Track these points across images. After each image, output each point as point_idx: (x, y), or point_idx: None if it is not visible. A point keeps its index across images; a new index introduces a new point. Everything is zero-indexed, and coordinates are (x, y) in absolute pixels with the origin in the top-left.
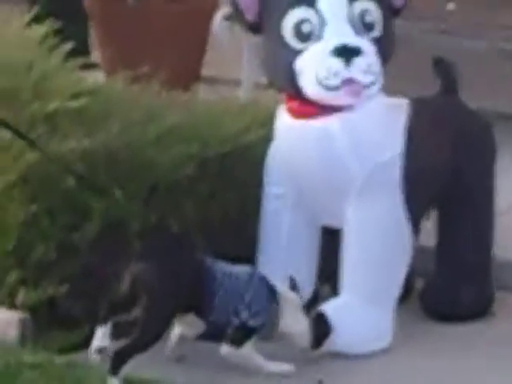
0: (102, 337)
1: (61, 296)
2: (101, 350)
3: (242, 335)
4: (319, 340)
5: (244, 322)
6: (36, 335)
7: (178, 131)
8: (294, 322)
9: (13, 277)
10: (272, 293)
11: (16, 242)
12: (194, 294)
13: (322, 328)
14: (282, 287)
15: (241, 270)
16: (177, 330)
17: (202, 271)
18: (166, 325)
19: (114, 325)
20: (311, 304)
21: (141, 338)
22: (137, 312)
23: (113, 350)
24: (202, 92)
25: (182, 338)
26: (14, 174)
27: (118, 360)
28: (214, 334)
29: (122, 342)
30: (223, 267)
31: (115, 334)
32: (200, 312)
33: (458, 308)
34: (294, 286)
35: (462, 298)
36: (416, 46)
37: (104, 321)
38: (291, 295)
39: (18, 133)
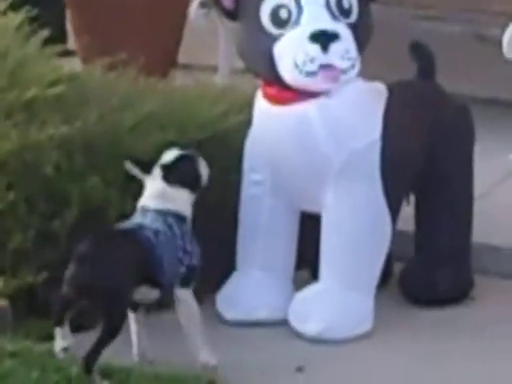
0: (62, 336)
1: (39, 284)
2: (66, 349)
3: (189, 277)
4: None
5: (188, 265)
6: (15, 323)
7: (155, 118)
8: None
9: None
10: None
11: None
12: (143, 270)
13: None
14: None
15: (152, 220)
16: (134, 329)
17: (139, 247)
18: (124, 313)
19: (70, 321)
20: None
21: (104, 335)
22: (84, 306)
23: (82, 355)
24: (179, 78)
25: (143, 338)
26: None
27: (89, 362)
28: (167, 294)
29: (82, 334)
30: (146, 229)
31: (74, 330)
32: (153, 281)
33: (436, 292)
34: None
35: (439, 283)
36: (394, 31)
37: (60, 322)
38: None
39: None
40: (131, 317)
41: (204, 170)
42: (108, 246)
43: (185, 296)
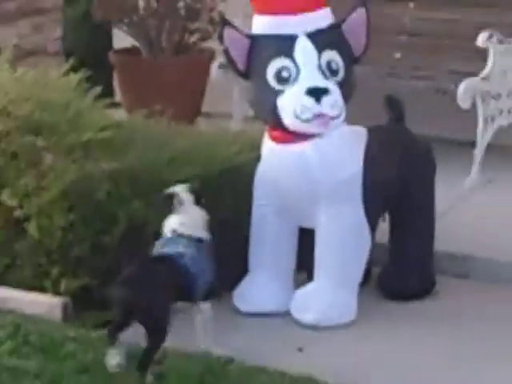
0: (116, 354)
1: (94, 284)
2: (119, 365)
3: (211, 291)
4: None
5: (209, 281)
6: (75, 315)
7: (185, 155)
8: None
9: (56, 270)
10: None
11: (59, 243)
12: (179, 291)
13: None
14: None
15: (186, 247)
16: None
17: (178, 273)
18: (165, 327)
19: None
20: None
21: (151, 346)
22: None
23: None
24: (203, 124)
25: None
26: (57, 190)
27: (144, 366)
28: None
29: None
30: (184, 256)
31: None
32: (187, 299)
33: (406, 289)
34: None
35: (409, 282)
36: (371, 87)
37: (113, 342)
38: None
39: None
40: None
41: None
42: (151, 271)
43: (206, 307)
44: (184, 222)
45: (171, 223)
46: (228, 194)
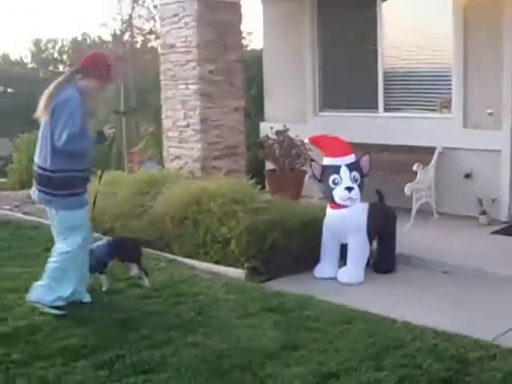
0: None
1: (269, 258)
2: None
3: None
4: None
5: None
6: (251, 279)
7: (295, 212)
8: None
9: (243, 258)
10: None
11: (244, 249)
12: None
13: None
14: None
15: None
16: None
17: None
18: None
19: None
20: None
21: (139, 264)
22: None
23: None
24: (302, 200)
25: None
26: (243, 227)
27: (146, 273)
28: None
29: None
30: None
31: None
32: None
33: (384, 268)
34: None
35: (385, 265)
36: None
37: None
38: None
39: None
40: None
41: None
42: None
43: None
44: None
45: None
46: (313, 226)
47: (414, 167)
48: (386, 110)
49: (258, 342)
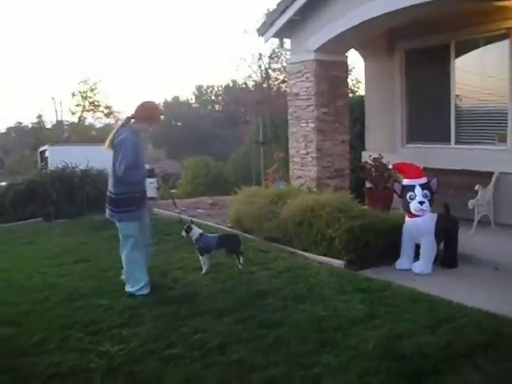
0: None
1: (362, 252)
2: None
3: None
4: None
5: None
6: (349, 268)
7: (383, 220)
8: None
9: (344, 252)
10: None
11: (344, 244)
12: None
13: None
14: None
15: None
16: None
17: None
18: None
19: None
20: None
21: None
22: None
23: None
24: (391, 212)
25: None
26: (341, 230)
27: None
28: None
29: None
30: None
31: None
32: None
33: (448, 264)
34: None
35: (449, 261)
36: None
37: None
38: None
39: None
40: None
41: None
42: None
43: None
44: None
45: None
46: (395, 230)
47: (476, 187)
48: (456, 142)
49: (348, 311)
